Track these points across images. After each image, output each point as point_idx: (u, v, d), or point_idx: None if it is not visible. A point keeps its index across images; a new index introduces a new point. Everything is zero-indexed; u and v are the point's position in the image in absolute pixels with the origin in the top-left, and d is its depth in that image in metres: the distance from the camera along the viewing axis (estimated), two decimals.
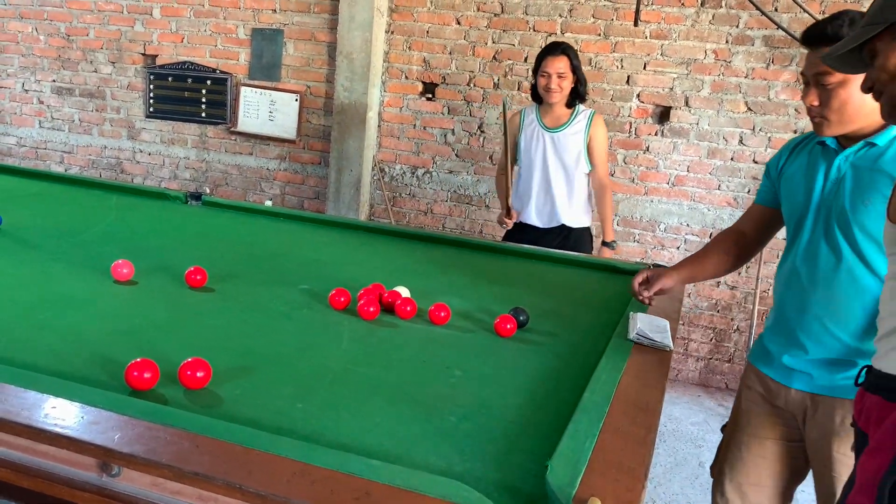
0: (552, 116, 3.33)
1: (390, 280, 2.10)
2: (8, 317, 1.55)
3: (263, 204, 3.95)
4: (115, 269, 1.89)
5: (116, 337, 1.50)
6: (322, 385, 1.38)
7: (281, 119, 5.04)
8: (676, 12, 4.16)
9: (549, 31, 4.38)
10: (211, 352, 1.46)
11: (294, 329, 1.69)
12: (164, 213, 2.90)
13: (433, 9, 4.61)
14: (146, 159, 5.45)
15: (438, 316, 1.82)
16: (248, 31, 5.04)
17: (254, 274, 2.13)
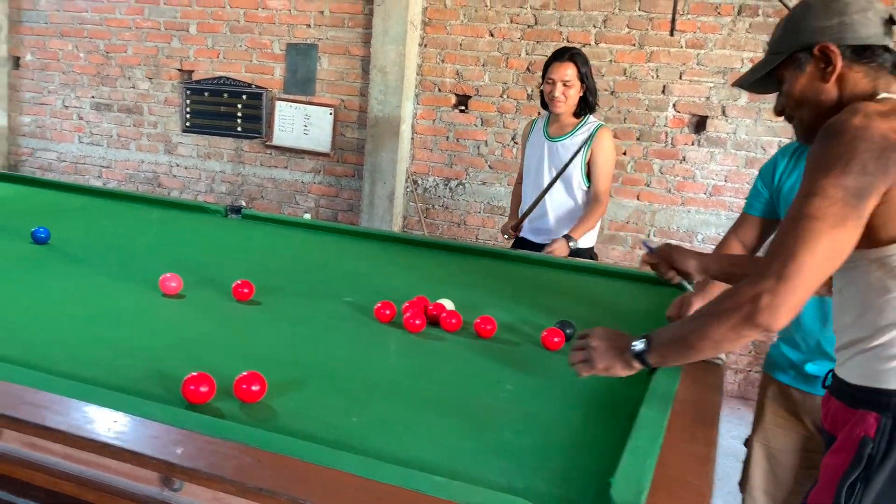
0: (557, 125, 3.14)
1: (432, 292, 2.10)
2: (66, 331, 1.57)
3: (301, 217, 3.97)
4: (164, 283, 1.91)
5: (169, 350, 1.51)
6: (374, 398, 1.37)
7: (315, 133, 5.08)
8: (712, 21, 4.13)
9: (583, 41, 4.37)
10: (262, 365, 1.45)
11: (342, 341, 1.70)
12: (205, 226, 2.93)
13: (466, 21, 4.63)
14: (183, 173, 5.53)
15: (484, 329, 1.81)
16: (283, 46, 5.10)
17: (298, 286, 2.14)
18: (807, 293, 1.24)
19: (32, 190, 3.32)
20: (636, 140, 4.35)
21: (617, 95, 4.35)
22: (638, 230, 4.42)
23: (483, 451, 1.19)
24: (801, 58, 1.39)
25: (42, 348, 1.44)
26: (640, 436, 1.21)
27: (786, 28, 1.43)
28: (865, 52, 1.35)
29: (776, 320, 1.22)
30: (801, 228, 1.24)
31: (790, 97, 1.42)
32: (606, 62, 4.35)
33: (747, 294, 1.24)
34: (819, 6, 1.38)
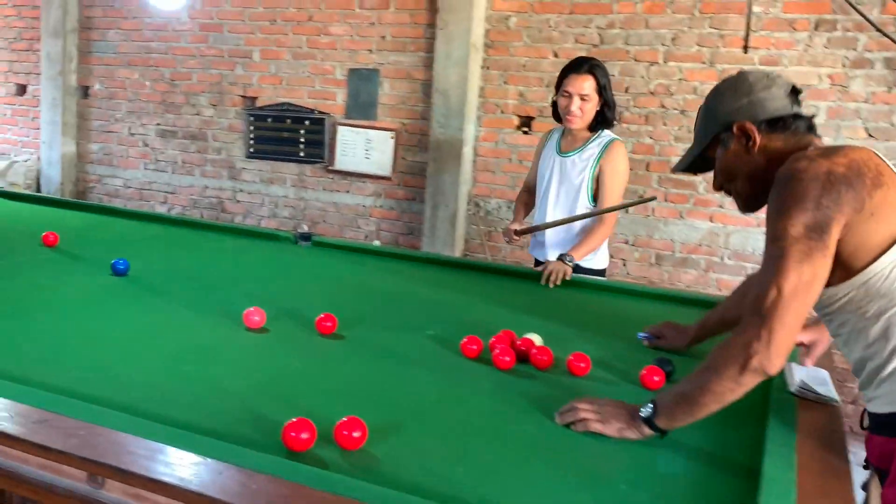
0: (570, 139, 2.98)
1: (515, 324, 2.04)
2: (155, 368, 1.54)
3: (372, 244, 3.95)
4: (248, 317, 1.88)
5: (260, 390, 1.48)
6: (476, 444, 1.31)
7: (376, 156, 5.08)
8: (787, 37, 3.99)
9: (651, 60, 4.28)
10: (355, 405, 1.41)
11: (431, 379, 1.64)
12: (277, 254, 2.91)
13: (529, 42, 4.58)
14: (246, 198, 5.58)
15: (578, 367, 1.73)
16: (345, 71, 5.12)
17: (378, 318, 2.09)
18: (793, 331, 1.32)
19: (104, 219, 3.36)
20: None
21: (687, 114, 4.24)
22: (711, 252, 4.27)
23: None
24: (723, 138, 1.54)
25: (136, 389, 1.42)
26: (770, 491, 1.12)
27: (705, 116, 1.61)
28: (778, 122, 1.50)
29: (771, 362, 1.30)
30: (772, 271, 1.32)
31: (723, 173, 1.59)
32: (675, 80, 4.24)
33: (738, 344, 1.32)
34: (727, 91, 1.56)
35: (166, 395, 1.40)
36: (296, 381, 1.55)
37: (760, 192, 1.51)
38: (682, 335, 1.98)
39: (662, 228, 4.37)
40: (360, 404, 1.43)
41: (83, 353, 1.60)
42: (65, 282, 2.22)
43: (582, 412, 1.41)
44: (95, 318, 1.89)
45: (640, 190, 4.39)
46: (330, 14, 5.11)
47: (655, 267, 4.42)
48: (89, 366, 1.53)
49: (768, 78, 1.54)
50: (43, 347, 1.62)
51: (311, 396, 1.46)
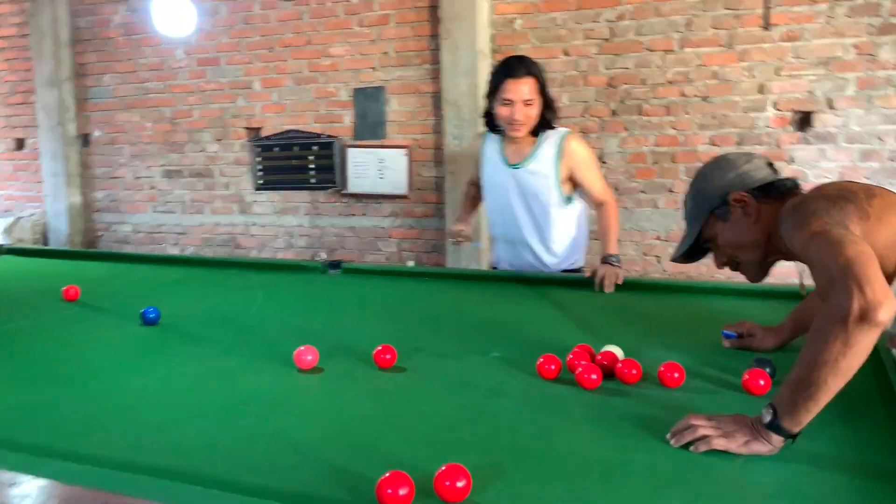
0: (514, 149, 2.72)
1: (579, 336, 1.90)
2: (212, 426, 1.38)
3: (405, 265, 3.79)
4: (299, 358, 1.72)
5: (334, 439, 1.31)
6: (594, 481, 1.14)
7: (391, 175, 4.94)
8: (807, 10, 3.85)
9: (666, 48, 4.14)
10: (444, 448, 1.25)
11: (517, 409, 1.47)
12: (309, 286, 2.76)
13: (538, 43, 4.44)
14: (259, 232, 5.44)
15: (672, 377, 1.57)
16: (349, 91, 4.99)
17: (435, 345, 1.93)
18: (878, 272, 1.19)
19: (121, 266, 3.21)
20: (736, 145, 4.06)
21: (710, 101, 4.09)
22: None
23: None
24: (720, 212, 1.60)
25: (197, 453, 1.26)
26: None
27: (695, 199, 1.66)
28: (769, 188, 1.57)
29: (874, 306, 1.14)
30: (826, 251, 1.26)
31: (728, 247, 1.63)
32: (694, 67, 4.10)
33: (831, 305, 1.19)
34: (713, 171, 1.63)
35: (232, 456, 1.24)
36: (370, 426, 1.39)
37: (767, 257, 1.61)
38: (773, 334, 1.82)
39: None
40: (450, 447, 1.27)
41: (131, 416, 1.44)
42: (95, 337, 2.06)
43: (701, 429, 1.25)
44: (135, 373, 1.73)
45: (659, 182, 4.24)
46: (329, 35, 4.99)
47: None
48: (140, 429, 1.37)
49: (747, 154, 1.65)
50: (85, 414, 1.46)
51: (393, 442, 1.30)
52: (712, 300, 2.34)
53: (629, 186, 4.32)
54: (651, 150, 4.24)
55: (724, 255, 1.66)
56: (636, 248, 4.34)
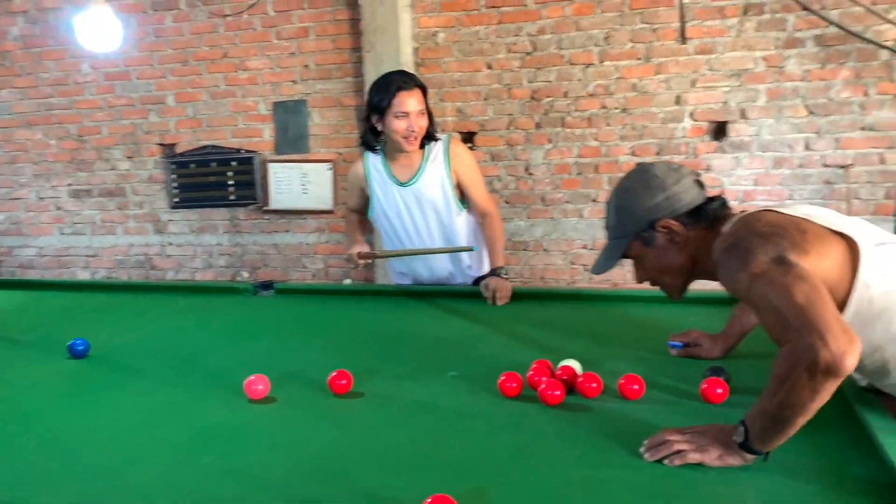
0: (400, 165, 2.67)
1: (531, 351, 1.92)
2: (171, 465, 1.29)
3: (341, 283, 3.71)
4: (250, 387, 1.64)
5: (305, 472, 1.25)
6: (580, 501, 1.13)
7: (315, 190, 4.85)
8: (719, 24, 4.02)
9: (587, 62, 4.24)
10: (422, 476, 1.22)
11: (486, 430, 1.45)
12: (242, 309, 2.67)
13: (461, 57, 4.47)
14: (176, 252, 5.23)
15: (632, 390, 1.58)
16: (269, 105, 4.87)
17: (388, 367, 1.89)
18: (838, 318, 1.18)
19: (36, 294, 3.02)
20: (656, 155, 4.19)
21: (629, 112, 4.21)
22: None
23: None
24: (646, 236, 1.53)
25: (160, 495, 1.17)
26: None
27: (620, 215, 1.57)
28: (698, 213, 1.51)
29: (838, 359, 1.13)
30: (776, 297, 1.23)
31: (652, 270, 1.58)
32: (614, 80, 4.21)
33: (798, 349, 1.17)
34: (641, 189, 1.53)
35: (201, 497, 1.16)
36: (341, 456, 1.33)
37: (690, 280, 1.58)
38: (719, 342, 1.86)
39: None
40: (427, 473, 1.24)
41: (78, 461, 1.33)
42: (20, 375, 1.91)
43: (676, 444, 1.26)
44: (73, 413, 1.61)
45: (584, 192, 4.33)
46: (246, 48, 4.86)
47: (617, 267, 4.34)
48: (92, 475, 1.26)
49: (674, 170, 1.54)
50: (24, 464, 1.34)
51: (367, 472, 1.25)
52: (651, 308, 2.38)
53: (555, 197, 4.38)
54: (575, 161, 4.32)
55: (646, 275, 1.62)
56: (563, 257, 4.41)
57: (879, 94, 3.82)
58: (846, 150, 3.92)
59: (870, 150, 3.89)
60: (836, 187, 3.95)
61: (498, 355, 1.94)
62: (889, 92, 3.81)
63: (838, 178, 3.94)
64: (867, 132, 3.88)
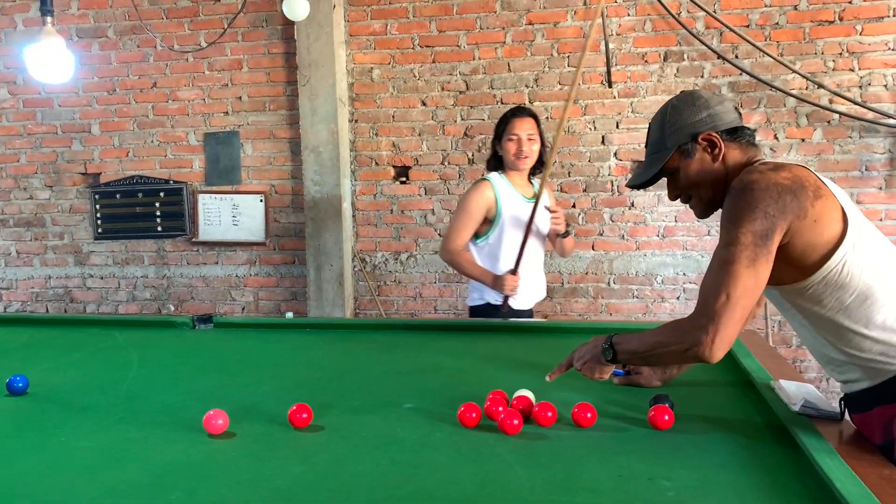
0: (522, 186, 3.09)
1: (482, 382, 1.98)
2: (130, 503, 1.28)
3: (283, 317, 3.68)
4: (209, 422, 1.64)
5: (277, 499, 1.27)
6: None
7: (246, 222, 4.80)
8: (641, 70, 4.25)
9: (518, 101, 4.39)
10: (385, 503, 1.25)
11: (450, 460, 1.49)
12: (182, 343, 2.63)
13: (395, 93, 4.55)
14: (98, 284, 5.07)
15: (585, 417, 1.66)
16: (199, 136, 4.83)
17: (344, 399, 1.91)
18: (737, 325, 1.54)
19: None
20: (583, 192, 4.37)
21: (558, 151, 4.37)
22: (598, 279, 4.41)
23: None
24: (688, 149, 1.67)
25: None
26: None
27: (664, 130, 1.71)
28: (736, 132, 1.68)
29: (714, 356, 1.54)
30: (723, 273, 1.52)
31: (687, 182, 1.70)
32: (543, 119, 4.36)
33: (689, 331, 1.56)
34: (685, 106, 1.69)
35: None
36: (311, 490, 1.35)
37: (719, 198, 1.67)
38: (657, 372, 1.98)
39: (549, 262, 4.45)
40: (390, 502, 1.27)
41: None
42: None
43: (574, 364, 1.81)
44: (20, 453, 1.56)
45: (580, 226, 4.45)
46: (177, 79, 4.81)
47: (547, 300, 4.48)
48: None
49: (717, 95, 1.72)
50: None
51: (331, 501, 1.28)
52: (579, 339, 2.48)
53: None
54: None
55: (680, 188, 1.73)
56: None
57: (788, 138, 4.12)
58: None
59: None
60: None
61: (450, 386, 2.00)
62: (796, 136, 4.11)
63: None
64: None
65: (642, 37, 4.23)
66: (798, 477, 1.34)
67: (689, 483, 1.34)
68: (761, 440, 1.55)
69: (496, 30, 4.37)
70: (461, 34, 4.42)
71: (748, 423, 1.66)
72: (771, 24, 4.08)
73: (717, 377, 2.06)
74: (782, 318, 4.22)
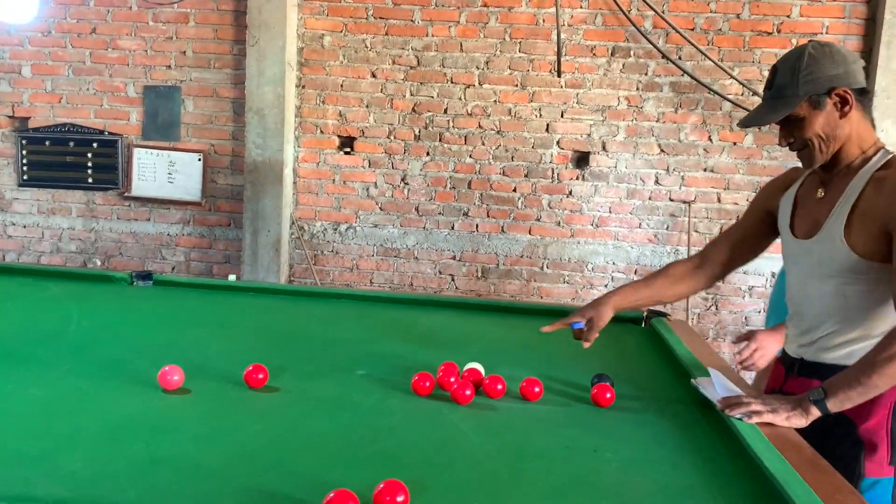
0: None
1: (430, 355, 2.03)
2: (98, 454, 1.27)
3: (227, 280, 3.64)
4: (165, 378, 1.65)
5: (242, 461, 1.29)
6: (502, 490, 1.27)
7: (182, 180, 4.70)
8: (589, 62, 4.36)
9: (467, 82, 4.44)
10: (356, 465, 1.31)
11: (406, 424, 1.55)
12: (122, 298, 2.59)
13: (346, 62, 4.53)
14: (20, 232, 4.87)
15: (533, 392, 1.75)
16: (139, 88, 4.68)
17: (296, 364, 1.94)
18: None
19: None
20: (524, 177, 4.47)
21: (503, 134, 4.45)
22: (532, 263, 4.53)
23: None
24: (819, 100, 1.66)
25: (99, 482, 1.17)
26: None
27: (796, 76, 1.67)
28: (864, 94, 1.70)
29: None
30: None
31: (811, 132, 1.68)
32: (491, 102, 4.44)
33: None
34: (823, 57, 1.67)
35: (140, 485, 1.17)
36: (273, 447, 1.38)
37: (835, 152, 1.70)
38: (602, 311, 2.04)
39: (486, 243, 4.54)
40: (364, 464, 1.32)
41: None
42: None
43: (754, 405, 1.56)
44: None
45: (456, 206, 4.53)
46: (118, 27, 4.65)
47: (482, 280, 4.59)
48: (17, 462, 1.23)
49: (851, 52, 1.72)
50: None
51: (304, 462, 1.32)
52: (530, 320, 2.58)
53: (429, 208, 4.54)
54: (450, 176, 4.51)
55: (797, 137, 1.71)
56: (433, 266, 4.58)
57: (721, 141, 4.31)
58: (690, 187, 4.39)
59: (709, 189, 4.37)
60: (680, 220, 4.40)
61: (400, 356, 2.06)
62: (728, 139, 4.31)
63: (681, 212, 4.39)
64: (708, 173, 4.36)
65: (592, 30, 4.34)
66: (729, 456, 1.46)
67: (629, 455, 1.45)
68: (693, 420, 1.67)
69: (451, 8, 4.40)
70: (416, 9, 4.42)
71: (680, 404, 1.78)
72: (714, 29, 4.25)
73: (650, 361, 2.18)
74: (701, 311, 4.46)
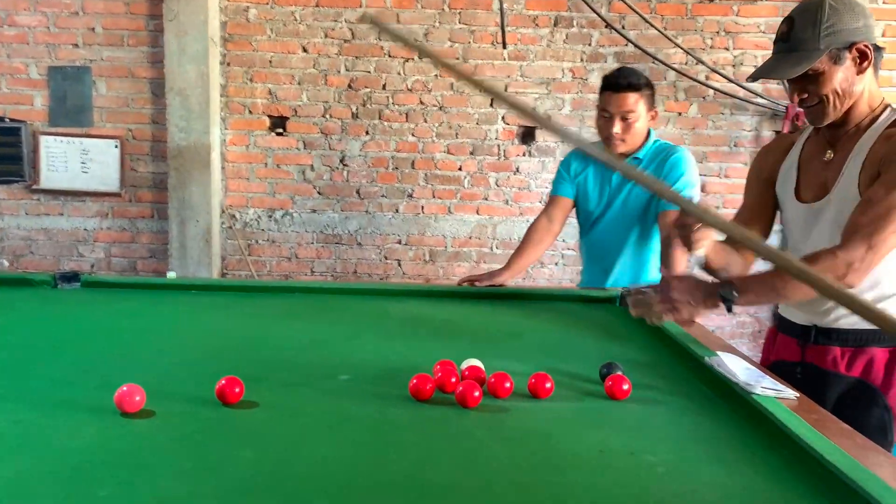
0: None
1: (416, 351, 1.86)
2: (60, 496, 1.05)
3: (166, 277, 3.31)
4: (125, 400, 1.39)
5: (239, 491, 1.08)
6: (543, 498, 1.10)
7: (98, 170, 4.31)
8: (532, 33, 4.22)
9: (407, 56, 4.22)
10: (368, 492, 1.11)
11: (417, 441, 1.35)
12: (48, 304, 2.29)
13: (274, 37, 4.23)
14: None
15: (544, 388, 1.58)
16: (42, 69, 4.25)
17: (271, 373, 1.71)
18: (881, 261, 1.60)
19: None
20: (470, 154, 4.30)
21: (446, 110, 4.27)
22: (481, 244, 4.38)
23: None
24: (838, 54, 1.63)
25: None
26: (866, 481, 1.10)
27: (816, 28, 1.63)
28: (878, 50, 1.67)
29: (859, 281, 1.59)
30: (886, 210, 1.55)
31: (828, 87, 1.65)
32: (432, 77, 4.24)
33: (842, 260, 1.57)
34: (845, 10, 1.63)
35: None
36: (277, 481, 1.17)
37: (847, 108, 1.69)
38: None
39: (433, 225, 4.36)
40: (375, 491, 1.13)
41: None
42: None
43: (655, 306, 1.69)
44: None
45: (400, 187, 4.33)
46: (14, 1, 4.19)
47: (430, 263, 4.41)
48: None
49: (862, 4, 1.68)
50: None
51: (318, 497, 1.11)
52: (492, 305, 2.43)
53: (371, 190, 4.32)
54: (392, 156, 4.29)
55: (812, 92, 1.67)
56: (377, 252, 4.36)
57: (666, 112, 4.25)
58: None
59: None
60: None
61: (382, 354, 1.86)
62: (674, 109, 4.26)
63: None
64: None
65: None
66: (771, 447, 1.33)
67: (671, 457, 1.30)
68: (716, 407, 1.54)
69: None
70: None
71: (694, 388, 1.65)
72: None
73: (646, 343, 2.05)
74: None
